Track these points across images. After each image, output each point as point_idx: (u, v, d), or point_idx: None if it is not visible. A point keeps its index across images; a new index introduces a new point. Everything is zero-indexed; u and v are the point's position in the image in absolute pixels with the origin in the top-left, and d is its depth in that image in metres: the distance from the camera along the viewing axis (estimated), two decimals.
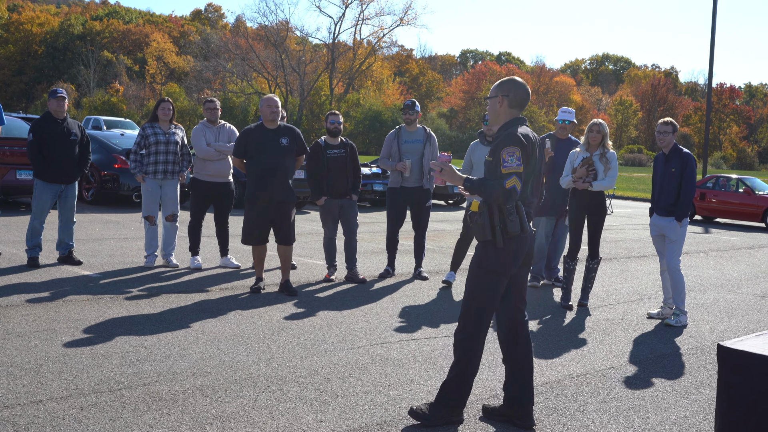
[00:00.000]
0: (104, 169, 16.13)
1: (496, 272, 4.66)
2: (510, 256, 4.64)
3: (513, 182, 4.50)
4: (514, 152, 4.52)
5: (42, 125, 9.21)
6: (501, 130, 4.76)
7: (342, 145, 9.36)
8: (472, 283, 4.73)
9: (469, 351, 4.73)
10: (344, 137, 9.54)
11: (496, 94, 4.79)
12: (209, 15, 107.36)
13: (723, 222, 22.54)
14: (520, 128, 4.69)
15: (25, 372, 5.20)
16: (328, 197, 9.33)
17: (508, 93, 4.76)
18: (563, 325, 7.71)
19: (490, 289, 4.68)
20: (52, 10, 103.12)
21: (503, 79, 4.86)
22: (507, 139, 4.60)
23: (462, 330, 4.74)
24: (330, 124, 9.35)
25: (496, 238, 4.57)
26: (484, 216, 4.59)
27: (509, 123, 4.76)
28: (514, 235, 4.59)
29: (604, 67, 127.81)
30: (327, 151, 9.25)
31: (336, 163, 9.26)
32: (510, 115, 4.79)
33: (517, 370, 4.84)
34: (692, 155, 7.97)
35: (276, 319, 7.18)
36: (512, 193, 4.51)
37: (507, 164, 4.51)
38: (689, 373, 6.17)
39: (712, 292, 10.06)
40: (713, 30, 26.54)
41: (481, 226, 4.59)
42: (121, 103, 73.03)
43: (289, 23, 72.78)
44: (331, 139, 9.35)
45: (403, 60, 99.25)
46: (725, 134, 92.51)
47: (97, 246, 10.77)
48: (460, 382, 4.73)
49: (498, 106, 4.78)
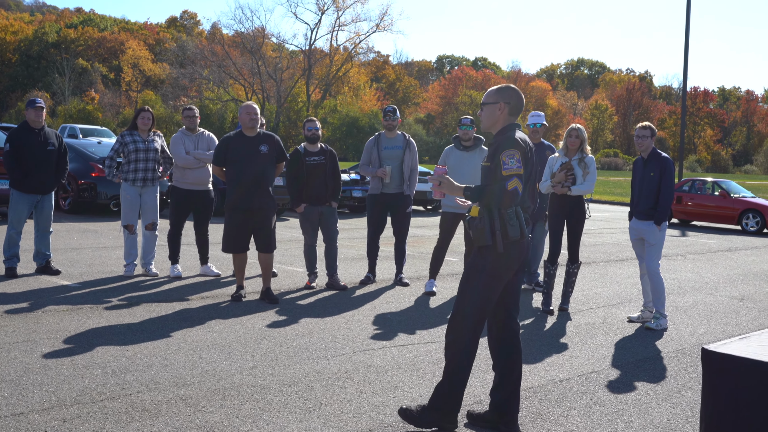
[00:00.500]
0: (81, 177, 16.00)
1: (494, 277, 4.66)
2: (508, 262, 4.66)
3: (515, 183, 4.52)
4: (513, 155, 4.55)
5: (19, 135, 9.14)
6: (498, 135, 4.77)
7: (321, 152, 9.35)
8: (469, 286, 4.71)
9: (460, 354, 4.70)
10: (323, 144, 9.53)
11: (496, 101, 4.80)
12: (185, 22, 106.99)
13: (699, 225, 22.74)
14: (517, 133, 4.73)
15: (6, 384, 5.14)
16: (307, 204, 9.31)
17: (510, 100, 4.79)
18: (545, 329, 7.74)
19: (486, 293, 4.68)
20: (25, 18, 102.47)
21: (501, 86, 4.88)
22: (506, 142, 4.63)
23: (452, 331, 4.73)
24: (308, 131, 9.34)
25: (497, 243, 4.58)
26: (484, 221, 4.60)
27: (507, 128, 4.78)
28: (515, 240, 4.62)
29: (580, 72, 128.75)
30: (306, 158, 9.24)
31: (315, 170, 9.25)
32: (507, 121, 4.82)
33: (506, 377, 4.84)
34: (671, 159, 8.03)
35: (258, 327, 7.15)
36: (514, 194, 4.53)
37: (507, 166, 4.53)
38: (671, 377, 6.21)
39: (691, 295, 10.14)
40: (687, 34, 26.77)
41: (481, 231, 4.59)
42: (97, 111, 72.62)
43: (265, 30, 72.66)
44: (310, 146, 9.33)
45: (379, 66, 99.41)
46: (700, 137, 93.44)
47: (76, 255, 10.68)
48: (451, 386, 4.71)
49: (498, 112, 4.79)
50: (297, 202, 9.32)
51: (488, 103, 4.83)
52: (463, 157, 9.32)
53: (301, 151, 9.29)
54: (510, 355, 4.86)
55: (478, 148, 9.46)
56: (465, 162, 9.26)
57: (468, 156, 9.35)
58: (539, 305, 8.84)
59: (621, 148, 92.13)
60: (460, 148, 9.38)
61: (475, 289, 4.68)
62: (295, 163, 9.24)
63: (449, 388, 4.72)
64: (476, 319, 4.69)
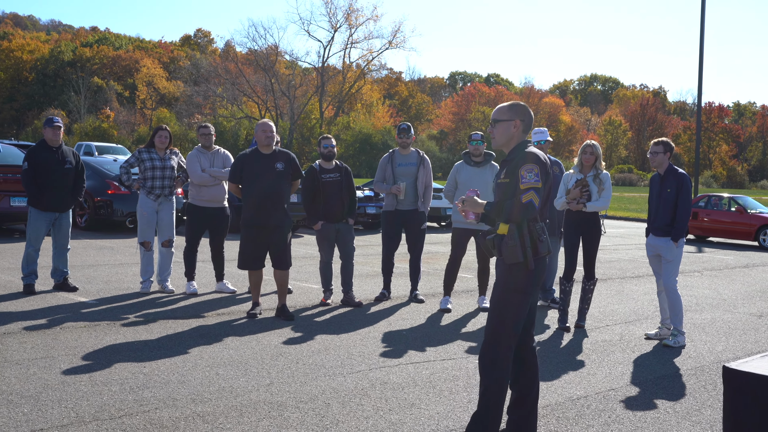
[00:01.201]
0: (97, 195, 16.09)
1: (526, 294, 4.64)
2: (537, 277, 4.67)
3: (530, 196, 4.52)
4: (532, 169, 4.56)
5: (37, 153, 9.21)
6: (515, 151, 4.75)
7: (336, 169, 9.38)
8: (501, 305, 4.65)
9: (501, 376, 4.63)
10: (338, 161, 9.56)
11: (511, 118, 4.78)
12: (199, 40, 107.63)
13: (716, 241, 22.62)
14: (533, 149, 4.73)
15: (25, 400, 5.16)
16: (324, 222, 9.32)
17: (524, 117, 4.79)
18: (561, 346, 7.71)
19: (518, 310, 4.64)
20: (42, 37, 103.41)
21: (513, 103, 4.86)
22: (524, 157, 4.63)
23: (489, 354, 4.64)
24: (323, 148, 9.37)
25: (528, 260, 4.57)
26: (515, 238, 4.57)
27: (521, 145, 4.77)
28: (543, 255, 4.64)
29: (593, 88, 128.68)
30: (322, 176, 9.27)
31: (331, 187, 9.27)
32: (521, 138, 4.81)
33: (523, 395, 4.81)
34: (687, 176, 8.00)
35: (274, 343, 7.15)
36: (529, 207, 4.53)
37: (525, 180, 4.54)
38: (690, 394, 6.17)
39: (709, 311, 10.08)
40: (701, 49, 26.74)
41: (513, 248, 4.56)
42: (112, 128, 73.13)
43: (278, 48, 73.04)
44: (325, 163, 9.37)
45: (392, 83, 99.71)
46: (715, 153, 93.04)
47: (93, 272, 10.74)
48: (495, 410, 4.63)
49: (512, 129, 4.78)
50: (314, 220, 9.34)
51: (502, 120, 4.80)
52: (473, 172, 9.33)
53: (317, 168, 9.33)
54: (528, 372, 4.83)
55: (489, 163, 9.47)
56: (475, 177, 9.27)
57: (479, 172, 9.35)
58: (555, 322, 8.80)
59: (635, 164, 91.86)
60: (470, 163, 9.39)
61: (510, 310, 4.63)
62: (310, 181, 9.26)
63: (492, 413, 4.62)
64: (513, 340, 4.66)
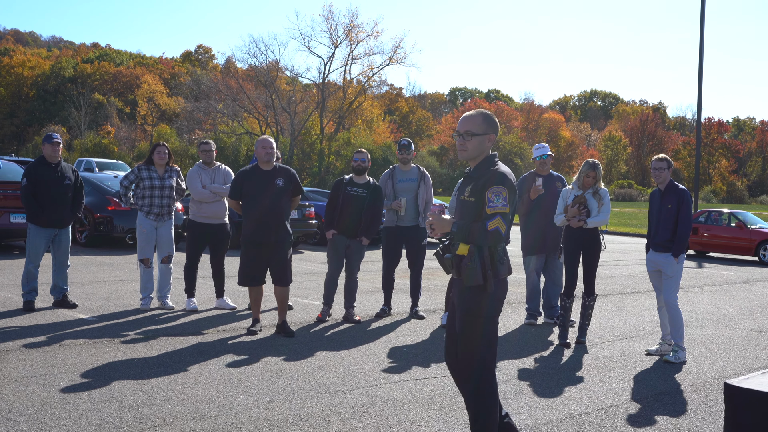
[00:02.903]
0: (97, 211, 16.10)
1: (492, 317, 4.47)
2: (499, 298, 4.48)
3: (496, 223, 4.29)
4: (500, 192, 4.33)
5: (36, 170, 9.22)
6: (482, 167, 4.53)
7: (366, 186, 9.36)
8: (474, 333, 4.46)
9: (488, 399, 4.48)
10: (373, 179, 9.52)
11: (487, 132, 4.52)
12: (199, 56, 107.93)
13: (716, 256, 22.61)
14: (501, 167, 4.50)
15: (24, 418, 5.14)
16: (337, 233, 9.31)
17: (496, 131, 4.57)
18: (561, 363, 7.68)
19: (490, 335, 4.48)
20: (43, 53, 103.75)
21: (486, 114, 4.59)
22: (493, 178, 4.40)
23: (474, 379, 4.49)
24: (354, 162, 9.37)
25: (488, 283, 4.39)
26: (475, 260, 4.35)
27: (490, 160, 4.55)
28: (504, 277, 4.47)
29: (593, 103, 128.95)
30: (347, 188, 9.27)
31: (352, 201, 9.25)
32: (489, 151, 4.59)
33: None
34: (688, 191, 8.01)
35: (274, 360, 7.13)
36: (496, 234, 4.31)
37: (492, 204, 4.31)
38: (691, 411, 6.15)
39: (710, 327, 10.06)
40: (701, 64, 26.78)
41: (473, 270, 4.34)
42: (113, 144, 73.18)
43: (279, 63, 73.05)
44: (357, 177, 9.37)
45: (392, 98, 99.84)
46: (714, 168, 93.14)
47: (92, 289, 10.72)
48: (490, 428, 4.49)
49: (487, 143, 4.53)
50: (328, 227, 9.34)
51: (478, 134, 4.51)
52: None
53: (345, 180, 9.33)
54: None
55: None
56: None
57: None
58: (556, 338, 8.78)
59: (635, 179, 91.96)
60: None
61: (480, 335, 4.45)
62: (333, 191, 9.32)
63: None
64: (491, 362, 4.50)
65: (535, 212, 9.55)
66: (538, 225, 9.55)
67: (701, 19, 26.68)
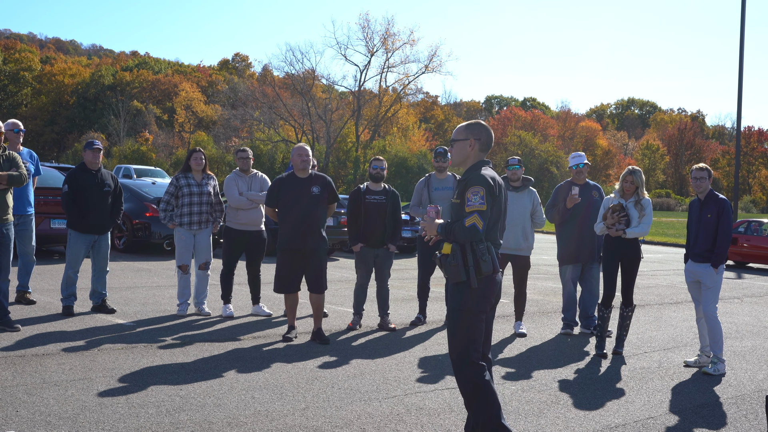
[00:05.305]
0: (136, 217, 16.27)
1: (474, 313, 4.73)
2: (484, 296, 4.73)
3: (473, 220, 4.60)
4: (478, 191, 4.65)
5: (77, 176, 9.35)
6: (469, 172, 4.86)
7: (383, 192, 9.37)
8: (456, 327, 4.77)
9: (478, 391, 4.74)
10: (387, 184, 9.54)
11: (466, 137, 4.90)
12: (236, 64, 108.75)
13: (756, 267, 22.27)
14: (485, 170, 4.81)
15: (63, 422, 5.21)
16: (364, 245, 9.31)
17: (480, 137, 4.90)
18: (599, 374, 7.61)
19: (472, 330, 4.74)
20: (83, 61, 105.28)
21: (471, 122, 4.99)
22: (473, 179, 4.72)
23: (458, 375, 4.79)
24: (373, 169, 9.38)
25: (471, 279, 4.65)
26: (457, 257, 4.67)
27: (477, 165, 4.88)
28: (487, 275, 4.69)
29: (630, 112, 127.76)
30: (366, 196, 9.28)
31: (374, 209, 9.26)
32: (478, 158, 4.93)
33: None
34: (728, 201, 7.90)
35: (309, 367, 7.15)
36: (472, 230, 4.61)
37: (470, 203, 4.64)
38: (731, 424, 6.05)
39: (749, 339, 9.91)
40: (740, 72, 26.45)
41: (455, 268, 4.66)
42: (151, 151, 73.94)
43: (315, 72, 73.37)
44: (373, 184, 9.37)
45: (428, 106, 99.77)
46: (754, 177, 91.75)
47: (130, 294, 10.84)
48: (490, 423, 4.73)
49: (469, 149, 4.91)
50: (354, 241, 9.34)
51: (458, 140, 4.93)
52: (511, 198, 9.27)
53: (362, 189, 9.34)
54: None
55: (527, 189, 9.43)
56: (513, 203, 9.22)
57: (517, 197, 9.32)
58: (593, 349, 8.70)
59: (673, 189, 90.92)
60: (508, 188, 9.33)
61: (462, 329, 4.74)
62: (353, 201, 9.29)
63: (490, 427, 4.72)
64: (472, 356, 4.74)
65: (571, 221, 9.49)
66: (574, 234, 9.49)
67: (741, 25, 26.37)
